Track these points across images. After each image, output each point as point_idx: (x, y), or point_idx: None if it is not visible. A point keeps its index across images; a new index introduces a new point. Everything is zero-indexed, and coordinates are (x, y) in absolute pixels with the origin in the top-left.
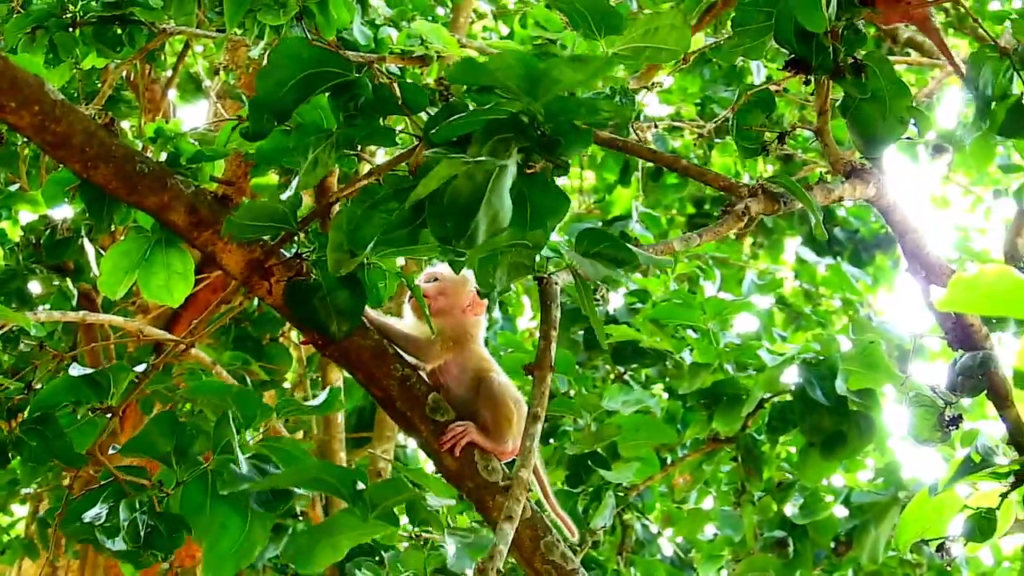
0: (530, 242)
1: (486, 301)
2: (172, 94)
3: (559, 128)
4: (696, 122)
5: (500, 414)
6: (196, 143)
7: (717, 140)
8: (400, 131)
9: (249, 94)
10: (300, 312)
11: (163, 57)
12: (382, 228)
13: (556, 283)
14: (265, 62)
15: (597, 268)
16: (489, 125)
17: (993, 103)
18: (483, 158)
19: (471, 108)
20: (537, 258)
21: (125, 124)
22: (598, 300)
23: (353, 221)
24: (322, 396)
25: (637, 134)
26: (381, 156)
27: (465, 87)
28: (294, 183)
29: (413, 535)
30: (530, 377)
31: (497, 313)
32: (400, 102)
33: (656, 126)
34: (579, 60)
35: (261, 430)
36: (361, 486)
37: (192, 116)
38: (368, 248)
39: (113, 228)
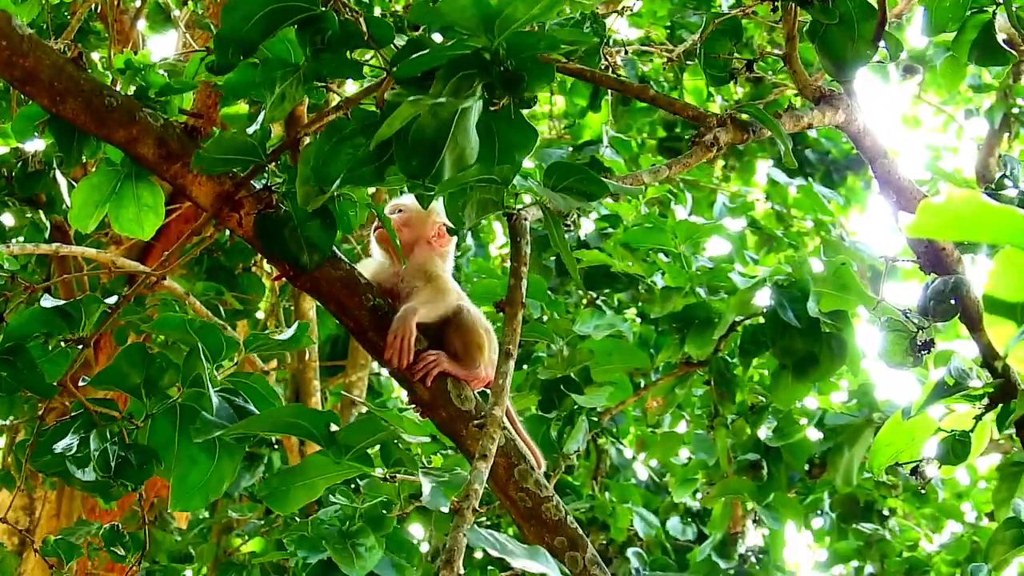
0: (498, 177)
1: (455, 237)
2: (141, 24)
3: (522, 63)
4: (665, 46)
5: (471, 342)
6: (165, 75)
7: (688, 63)
8: (369, 60)
9: (218, 24)
10: (270, 244)
11: None
12: (349, 163)
13: (526, 219)
14: None
15: (567, 201)
16: (453, 62)
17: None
18: (444, 100)
19: (437, 43)
20: (507, 191)
21: (95, 56)
22: (568, 226)
23: (321, 156)
24: (290, 331)
25: (607, 59)
26: (352, 89)
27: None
28: (261, 117)
29: (388, 476)
30: (501, 313)
31: (469, 240)
32: (367, 36)
33: (626, 50)
34: None
35: (235, 360)
36: (334, 428)
37: (161, 47)
38: (335, 184)
39: (84, 161)
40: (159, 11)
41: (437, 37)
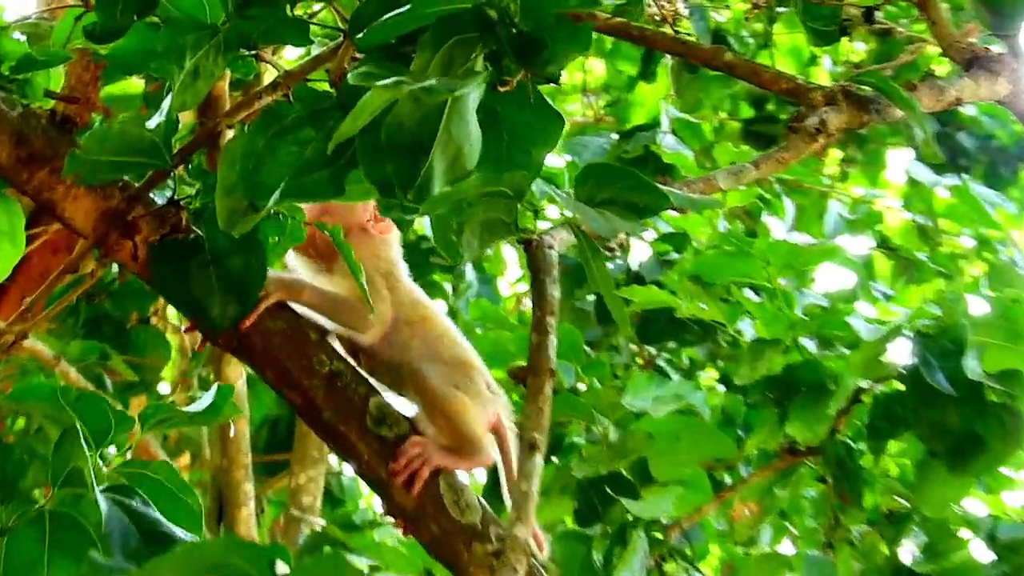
0: (509, 189)
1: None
2: None
3: (542, 23)
4: None
5: (456, 415)
6: (23, 40)
7: (781, 10)
8: (318, 12)
9: None
10: (169, 286)
11: None
12: (292, 167)
13: (551, 247)
14: None
15: (610, 220)
16: (443, 23)
17: None
18: (433, 82)
19: None
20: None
21: None
22: (613, 251)
23: (252, 157)
24: (207, 397)
25: (662, 7)
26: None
27: None
28: (166, 103)
29: None
30: (520, 385)
31: (468, 272)
32: None
33: None
34: None
35: (128, 446)
36: (283, 569)
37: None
38: (273, 197)
39: None
40: None
41: None
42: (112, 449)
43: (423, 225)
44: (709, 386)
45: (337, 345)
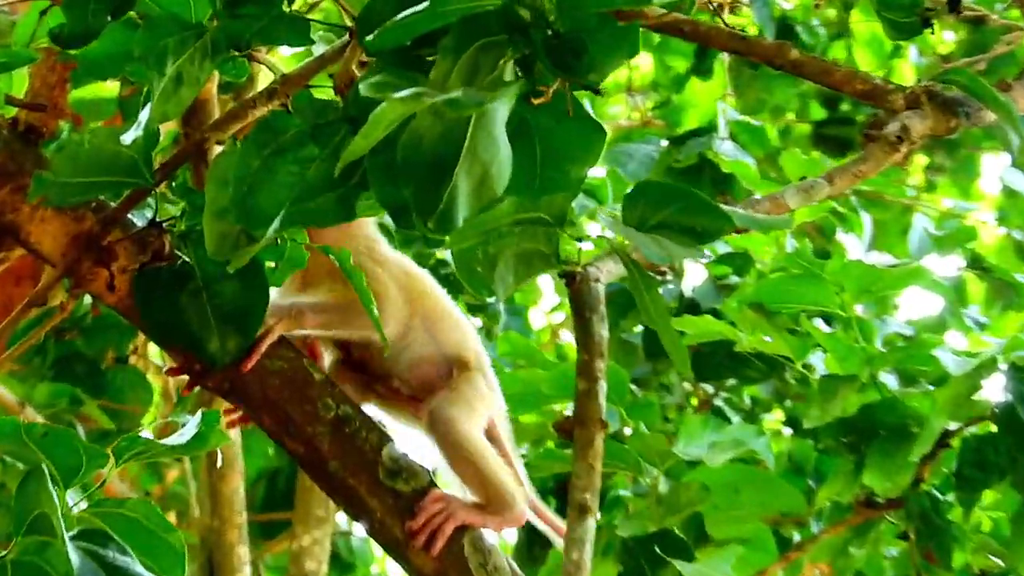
0: (547, 215)
1: None
2: None
3: (582, 23)
4: None
5: (484, 465)
6: None
7: None
8: (316, 12)
9: None
10: (159, 319)
11: None
12: (293, 190)
13: (597, 280)
14: None
15: (663, 246)
16: (468, 23)
17: None
18: (458, 94)
19: None
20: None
21: None
22: (664, 275)
23: (246, 178)
24: (192, 425)
25: None
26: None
27: None
28: (145, 113)
29: None
30: (563, 438)
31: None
32: None
33: None
34: None
35: (102, 481)
36: None
37: None
38: (273, 226)
39: None
40: None
41: None
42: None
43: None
44: (774, 430)
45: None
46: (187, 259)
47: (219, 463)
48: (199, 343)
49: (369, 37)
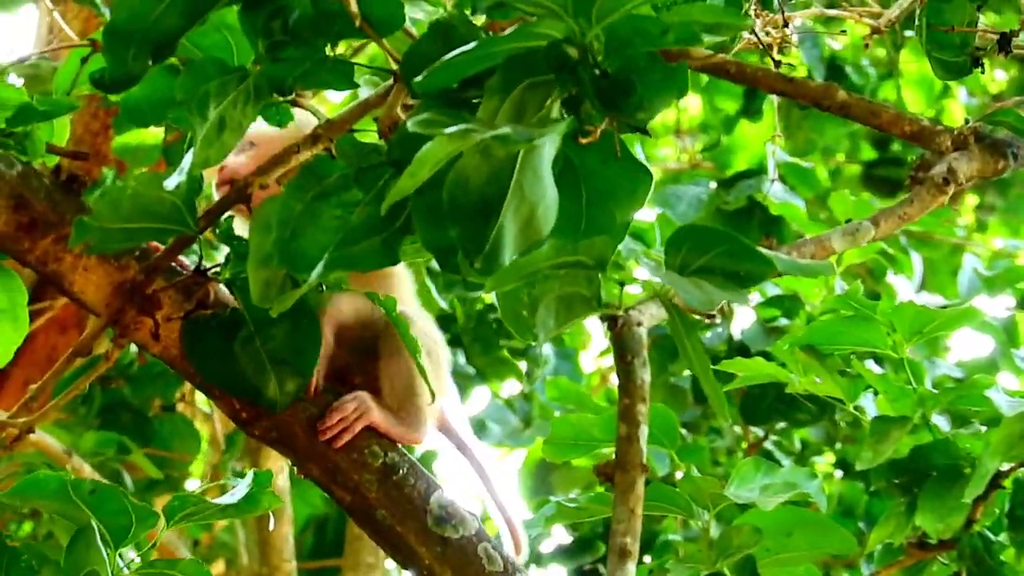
0: (589, 259)
1: None
2: None
3: (630, 63)
4: (867, 8)
5: (403, 376)
6: (22, 87)
7: (908, 34)
8: (360, 49)
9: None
10: (212, 369)
11: None
12: (337, 234)
13: (640, 324)
14: None
15: (707, 291)
16: (514, 62)
17: None
18: (507, 130)
19: (482, 33)
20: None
21: None
22: (713, 319)
23: (289, 222)
24: (243, 486)
25: (760, 38)
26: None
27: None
28: (187, 159)
29: None
30: (607, 483)
31: (546, 347)
32: (358, 18)
33: (784, 20)
34: None
35: (153, 543)
36: None
37: (10, 36)
38: (317, 270)
39: None
40: None
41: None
42: (132, 553)
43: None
44: (825, 472)
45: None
46: (237, 307)
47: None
48: (256, 390)
49: (416, 79)
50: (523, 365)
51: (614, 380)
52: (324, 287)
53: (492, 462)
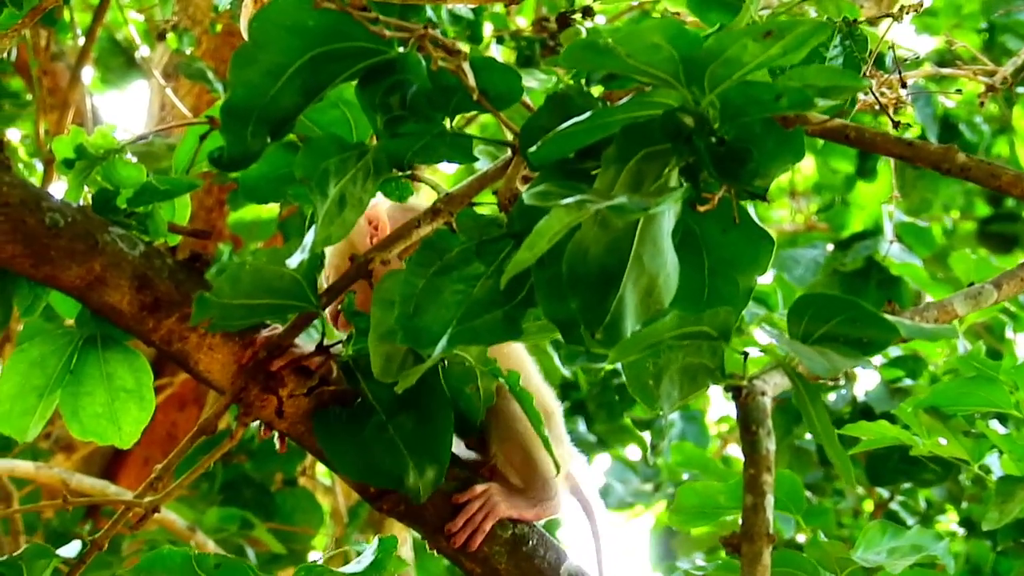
0: (712, 330)
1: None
2: (88, 75)
3: (746, 130)
4: (981, 65)
5: (529, 457)
6: (141, 166)
7: (1021, 90)
8: (472, 119)
9: (218, 68)
10: (348, 460)
11: (69, 16)
12: (459, 308)
13: (763, 392)
14: (243, 26)
15: (830, 359)
16: (630, 132)
17: None
18: (623, 199)
19: (598, 103)
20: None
21: (13, 134)
22: (837, 382)
23: (411, 298)
24: (368, 553)
25: (877, 97)
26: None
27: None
28: (308, 237)
29: None
30: (734, 555)
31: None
32: (475, 92)
33: (901, 80)
34: (774, 31)
35: None
36: None
37: (124, 112)
38: (440, 345)
39: (11, 322)
40: (115, 50)
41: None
42: None
43: None
44: (949, 532)
45: None
46: (363, 389)
47: None
48: (397, 479)
49: (532, 148)
50: (646, 435)
51: (732, 446)
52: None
53: (609, 528)
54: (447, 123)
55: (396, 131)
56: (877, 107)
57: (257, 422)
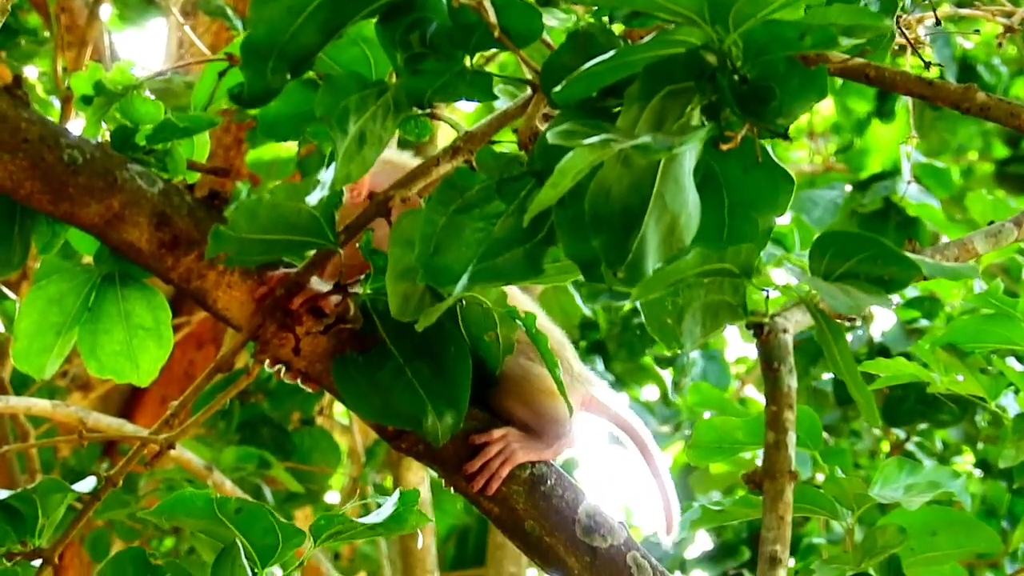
0: (734, 266)
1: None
2: (105, 12)
3: (769, 69)
4: (999, 5)
5: (542, 403)
6: (160, 103)
7: None
8: (492, 59)
9: (236, 5)
10: (367, 405)
11: None
12: (480, 247)
13: (785, 331)
14: None
15: (852, 297)
16: (653, 70)
17: None
18: (647, 138)
19: (620, 41)
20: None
21: (30, 72)
22: (854, 322)
23: (431, 237)
24: (389, 505)
25: (901, 35)
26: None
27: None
28: (328, 174)
29: None
30: (756, 492)
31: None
32: (496, 29)
33: (936, 17)
34: None
35: (300, 562)
36: None
37: (142, 49)
38: (461, 283)
39: (28, 260)
40: None
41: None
42: (278, 571)
43: None
44: (968, 473)
45: None
46: (379, 330)
47: None
48: (415, 420)
49: (555, 89)
50: (666, 374)
51: (749, 387)
52: (466, 302)
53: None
54: (467, 61)
55: (416, 69)
56: (896, 48)
57: (277, 366)
